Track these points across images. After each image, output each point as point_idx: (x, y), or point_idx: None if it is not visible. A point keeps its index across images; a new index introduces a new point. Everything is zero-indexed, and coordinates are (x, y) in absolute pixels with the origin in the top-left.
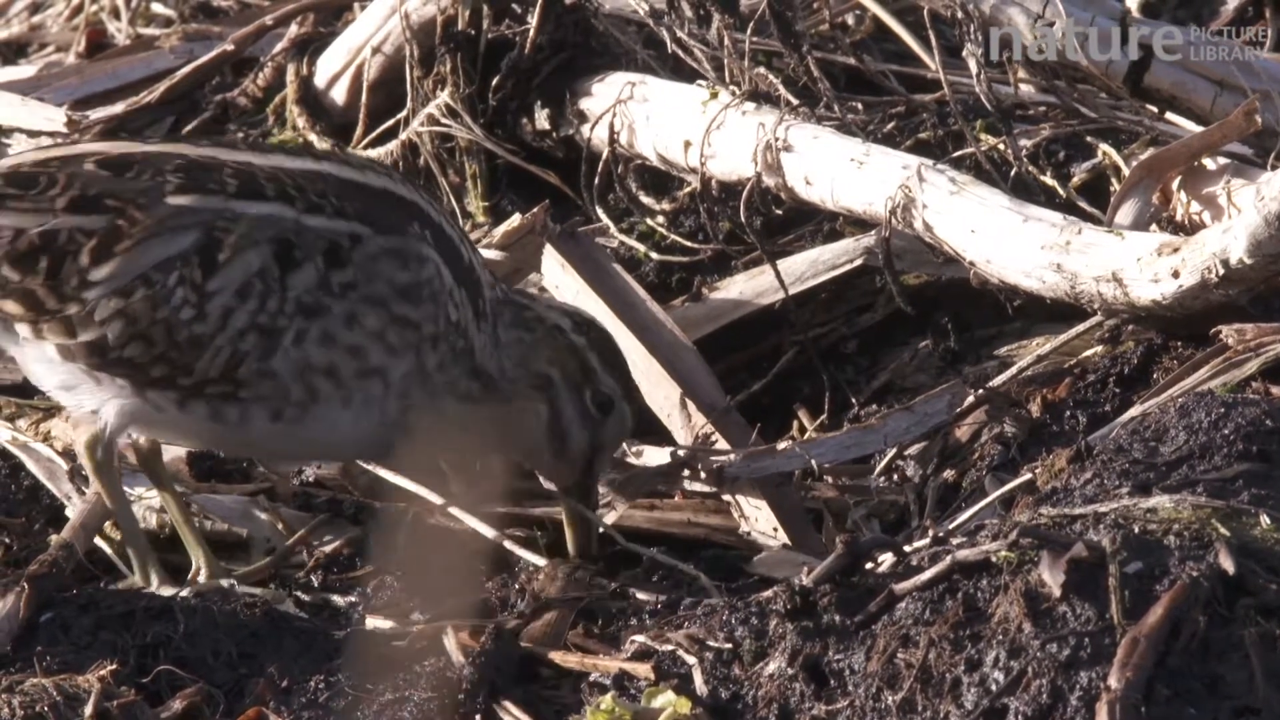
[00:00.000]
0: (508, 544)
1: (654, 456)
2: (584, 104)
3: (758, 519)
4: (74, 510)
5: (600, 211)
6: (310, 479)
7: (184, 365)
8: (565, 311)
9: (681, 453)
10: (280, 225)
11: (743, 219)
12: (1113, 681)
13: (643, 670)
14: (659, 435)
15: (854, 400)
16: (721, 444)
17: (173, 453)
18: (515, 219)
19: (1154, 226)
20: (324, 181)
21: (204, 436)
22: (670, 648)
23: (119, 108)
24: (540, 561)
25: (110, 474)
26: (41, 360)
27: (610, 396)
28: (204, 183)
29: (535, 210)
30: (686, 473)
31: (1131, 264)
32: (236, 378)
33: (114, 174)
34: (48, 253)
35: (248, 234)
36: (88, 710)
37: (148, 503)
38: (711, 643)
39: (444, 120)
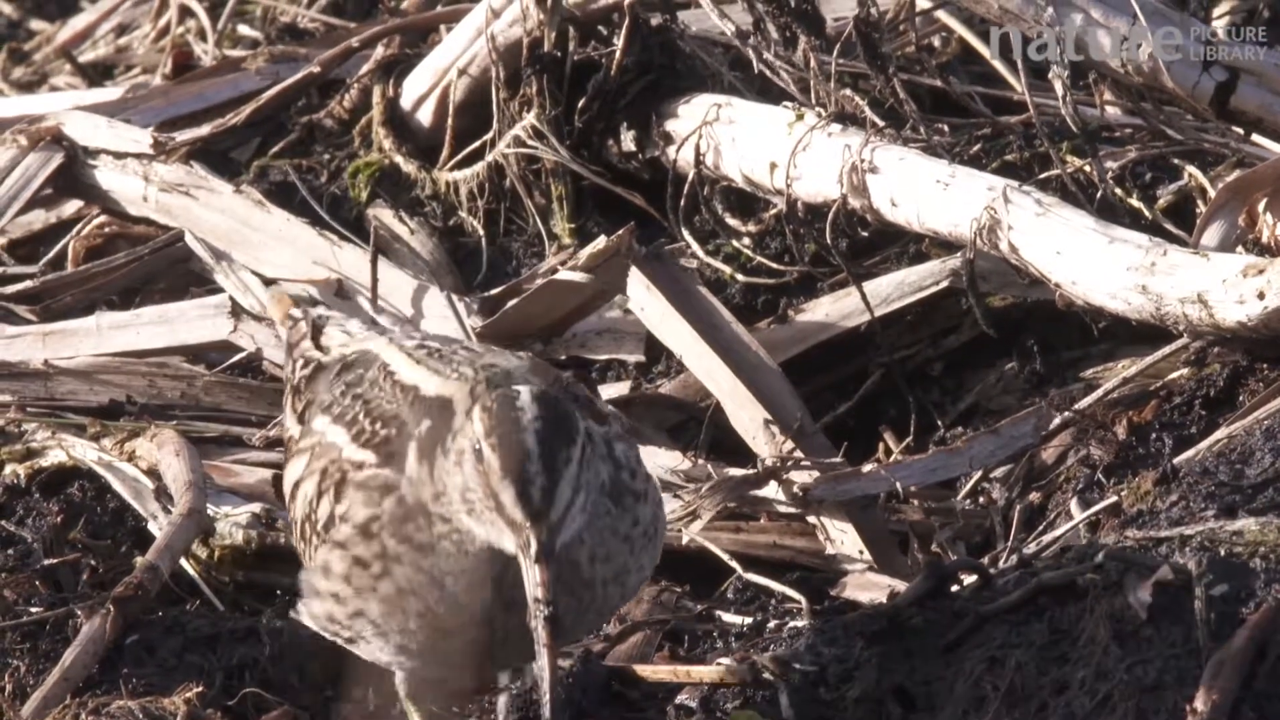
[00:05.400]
0: None
1: None
2: (670, 125)
3: (843, 541)
4: (159, 531)
5: (686, 233)
6: None
7: None
8: None
9: (769, 463)
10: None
11: (828, 241)
12: (1198, 704)
13: (737, 676)
14: (744, 457)
15: (939, 422)
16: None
17: (258, 475)
18: (601, 241)
19: (1240, 248)
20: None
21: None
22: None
23: (205, 129)
24: None
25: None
26: None
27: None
28: None
29: (621, 232)
30: (774, 483)
31: (1217, 285)
32: None
33: None
34: None
35: None
36: None
37: (234, 519)
38: (797, 665)
39: (530, 142)
